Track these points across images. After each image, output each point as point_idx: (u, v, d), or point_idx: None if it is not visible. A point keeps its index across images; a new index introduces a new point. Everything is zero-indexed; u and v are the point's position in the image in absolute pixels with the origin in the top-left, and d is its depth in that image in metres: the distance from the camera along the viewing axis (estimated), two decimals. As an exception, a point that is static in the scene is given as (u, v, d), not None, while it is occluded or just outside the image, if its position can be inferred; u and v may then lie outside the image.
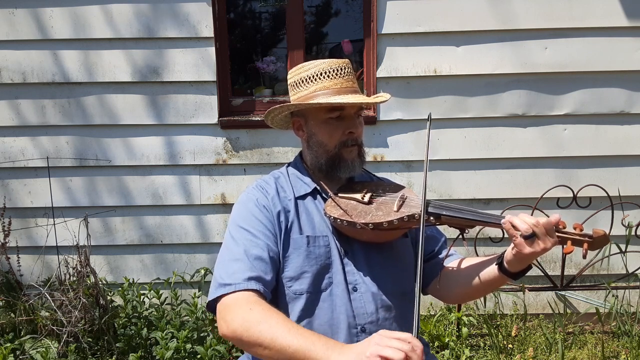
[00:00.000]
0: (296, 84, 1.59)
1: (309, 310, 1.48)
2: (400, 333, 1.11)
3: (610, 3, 3.13)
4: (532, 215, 1.33)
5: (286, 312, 1.48)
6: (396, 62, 3.21)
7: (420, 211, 1.40)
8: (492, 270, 1.44)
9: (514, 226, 1.31)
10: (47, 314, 2.93)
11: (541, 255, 1.32)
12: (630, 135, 3.27)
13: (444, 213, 1.42)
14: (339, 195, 1.58)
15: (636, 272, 3.12)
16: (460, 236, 1.47)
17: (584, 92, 3.23)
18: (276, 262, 1.47)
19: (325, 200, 1.60)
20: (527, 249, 1.29)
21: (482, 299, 3.37)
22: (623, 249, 3.11)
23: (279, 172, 1.68)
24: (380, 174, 1.84)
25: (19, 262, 3.10)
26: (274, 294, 1.49)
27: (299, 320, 1.48)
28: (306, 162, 1.67)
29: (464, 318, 3.16)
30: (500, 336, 3.17)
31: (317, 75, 1.55)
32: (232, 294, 1.36)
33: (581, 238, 1.31)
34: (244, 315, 1.29)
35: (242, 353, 1.70)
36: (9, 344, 2.74)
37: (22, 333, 2.89)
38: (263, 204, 1.53)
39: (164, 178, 3.32)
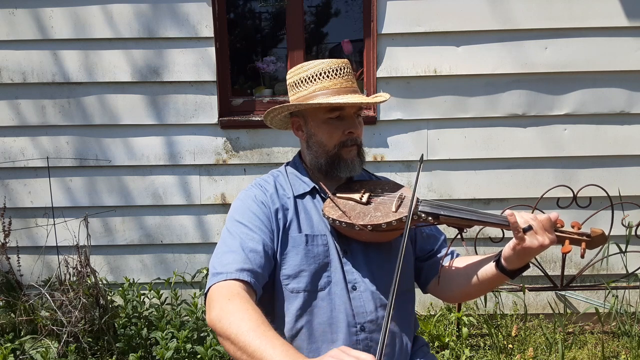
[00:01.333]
0: (295, 84, 1.59)
1: (307, 309, 1.48)
2: (361, 353, 1.07)
3: (610, 3, 3.13)
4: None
5: (283, 311, 1.49)
6: (396, 62, 3.21)
7: (411, 211, 1.40)
8: (490, 268, 1.44)
9: (516, 221, 1.32)
10: (47, 314, 2.93)
11: (539, 253, 1.32)
12: (630, 135, 3.27)
13: (442, 213, 1.42)
14: (338, 195, 1.58)
15: (636, 272, 3.12)
16: (459, 236, 1.47)
17: (584, 92, 3.23)
18: (270, 258, 1.46)
19: (324, 199, 1.60)
20: (525, 242, 1.30)
21: (482, 298, 3.37)
22: (623, 249, 3.10)
23: (278, 171, 1.68)
24: (380, 174, 1.84)
25: (19, 262, 3.10)
26: (270, 292, 1.50)
27: (297, 319, 1.48)
28: (305, 162, 1.67)
29: (464, 318, 3.16)
30: (500, 336, 3.17)
31: (316, 75, 1.55)
32: (221, 283, 1.35)
33: (579, 237, 1.31)
34: (221, 305, 1.28)
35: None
36: (9, 344, 2.74)
37: (22, 333, 2.89)
38: (261, 200, 1.53)
39: (164, 178, 3.32)
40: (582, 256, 1.31)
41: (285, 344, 1.16)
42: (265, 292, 1.47)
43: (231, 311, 1.25)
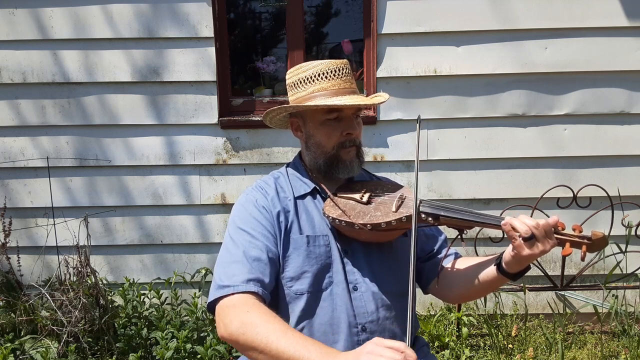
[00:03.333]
0: (294, 84, 1.59)
1: (310, 310, 1.48)
2: (394, 342, 1.11)
3: (610, 3, 3.13)
4: (532, 215, 1.33)
5: (287, 313, 1.49)
6: (396, 62, 3.21)
7: (415, 212, 1.40)
8: (490, 270, 1.44)
9: (513, 228, 1.32)
10: (47, 314, 2.93)
11: (539, 256, 1.32)
12: (630, 135, 3.27)
13: (442, 214, 1.42)
14: (338, 195, 1.58)
15: (636, 272, 3.12)
16: (459, 237, 1.47)
17: (584, 92, 3.23)
18: (275, 263, 1.47)
19: (324, 199, 1.60)
20: (526, 251, 1.30)
21: (482, 298, 3.37)
22: (623, 249, 3.10)
23: (279, 172, 1.68)
24: (380, 174, 1.84)
25: (19, 262, 3.10)
26: (274, 295, 1.49)
27: (299, 320, 1.48)
28: (305, 162, 1.67)
29: (464, 318, 3.16)
30: (500, 336, 3.17)
31: (314, 76, 1.55)
32: (231, 296, 1.36)
33: (580, 240, 1.31)
34: (241, 318, 1.29)
35: (242, 353, 1.71)
36: (9, 344, 2.74)
37: (22, 333, 2.89)
38: (262, 204, 1.53)
39: (164, 178, 3.32)
40: (583, 259, 1.30)
41: (316, 343, 1.20)
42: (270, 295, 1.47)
43: (254, 322, 1.27)
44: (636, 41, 3.17)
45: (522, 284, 3.22)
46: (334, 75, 1.55)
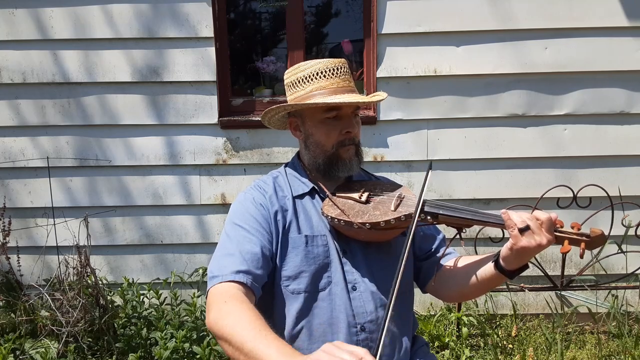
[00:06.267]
0: (292, 84, 1.59)
1: (307, 310, 1.48)
2: (354, 347, 1.05)
3: (610, 3, 3.13)
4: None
5: (282, 312, 1.48)
6: (396, 62, 3.21)
7: (417, 213, 1.39)
8: (488, 268, 1.43)
9: (510, 218, 1.32)
10: (47, 314, 2.93)
11: (537, 253, 1.32)
12: (630, 135, 3.27)
13: (441, 212, 1.42)
14: (337, 194, 1.58)
15: (636, 272, 3.11)
16: (458, 235, 1.47)
17: (584, 92, 3.23)
18: (269, 260, 1.46)
19: (323, 199, 1.59)
20: (522, 242, 1.29)
21: (482, 298, 3.37)
22: (623, 249, 3.10)
23: (277, 171, 1.68)
24: (380, 174, 1.84)
25: (19, 262, 3.10)
26: (270, 294, 1.49)
27: (297, 320, 1.48)
28: (304, 162, 1.66)
29: (464, 318, 3.16)
30: (500, 336, 3.17)
31: (313, 75, 1.55)
32: (218, 285, 1.36)
33: (578, 237, 1.30)
34: (218, 307, 1.28)
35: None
36: (9, 344, 2.74)
37: (22, 333, 2.89)
38: (260, 202, 1.53)
39: (164, 178, 3.32)
40: (581, 256, 1.30)
41: (279, 341, 1.15)
42: (265, 294, 1.47)
43: (227, 312, 1.25)
44: (636, 41, 3.17)
45: (521, 284, 3.22)
46: (332, 73, 1.55)
